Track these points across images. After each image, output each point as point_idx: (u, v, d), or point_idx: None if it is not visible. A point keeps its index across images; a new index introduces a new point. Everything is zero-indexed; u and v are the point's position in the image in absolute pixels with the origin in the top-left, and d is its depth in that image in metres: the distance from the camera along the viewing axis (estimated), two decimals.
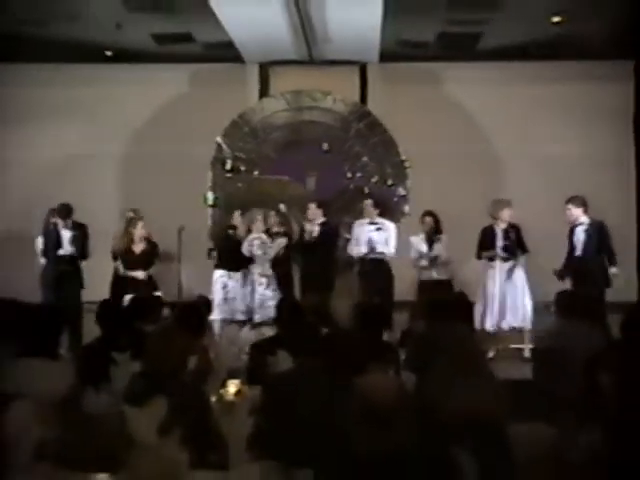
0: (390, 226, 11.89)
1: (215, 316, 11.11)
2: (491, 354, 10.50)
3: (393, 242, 11.75)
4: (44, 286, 11.31)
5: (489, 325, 11.11)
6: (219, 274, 12.03)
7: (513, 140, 14.10)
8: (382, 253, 11.65)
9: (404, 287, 11.46)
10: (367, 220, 11.85)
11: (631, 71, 13.97)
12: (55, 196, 11.95)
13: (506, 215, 11.32)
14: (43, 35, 13.05)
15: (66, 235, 11.37)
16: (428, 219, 11.69)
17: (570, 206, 11.12)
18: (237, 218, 12.46)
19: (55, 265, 11.35)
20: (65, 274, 11.31)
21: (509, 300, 11.22)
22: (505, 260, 11.25)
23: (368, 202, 12.07)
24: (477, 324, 10.56)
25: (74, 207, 11.50)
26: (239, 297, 11.91)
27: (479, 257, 11.38)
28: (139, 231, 11.70)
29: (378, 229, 11.76)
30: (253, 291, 11.89)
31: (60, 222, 11.30)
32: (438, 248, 11.54)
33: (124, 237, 11.75)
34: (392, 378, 5.04)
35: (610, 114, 13.89)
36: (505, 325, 11.13)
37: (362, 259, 11.73)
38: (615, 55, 13.73)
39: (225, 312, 11.79)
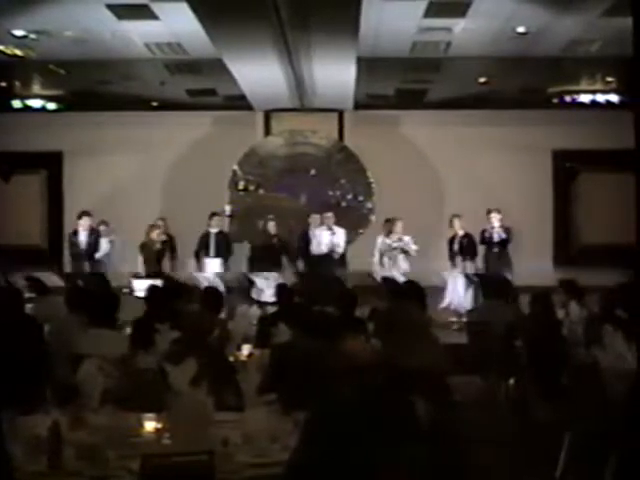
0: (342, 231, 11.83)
1: None
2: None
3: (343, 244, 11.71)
4: None
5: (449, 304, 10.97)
6: None
7: (453, 166, 14.01)
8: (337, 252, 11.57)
9: None
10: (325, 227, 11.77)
11: (539, 118, 13.86)
12: (109, 208, 11.79)
13: (456, 225, 11.40)
14: (109, 91, 13.15)
15: None
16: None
17: (492, 214, 11.24)
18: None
19: None
20: None
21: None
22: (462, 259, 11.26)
23: (330, 214, 11.93)
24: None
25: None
26: None
27: None
28: (155, 233, 11.44)
29: (333, 234, 11.67)
30: None
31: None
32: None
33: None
34: (364, 343, 5.01)
35: (523, 148, 13.75)
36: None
37: (321, 256, 11.56)
38: (525, 105, 13.70)
39: None
